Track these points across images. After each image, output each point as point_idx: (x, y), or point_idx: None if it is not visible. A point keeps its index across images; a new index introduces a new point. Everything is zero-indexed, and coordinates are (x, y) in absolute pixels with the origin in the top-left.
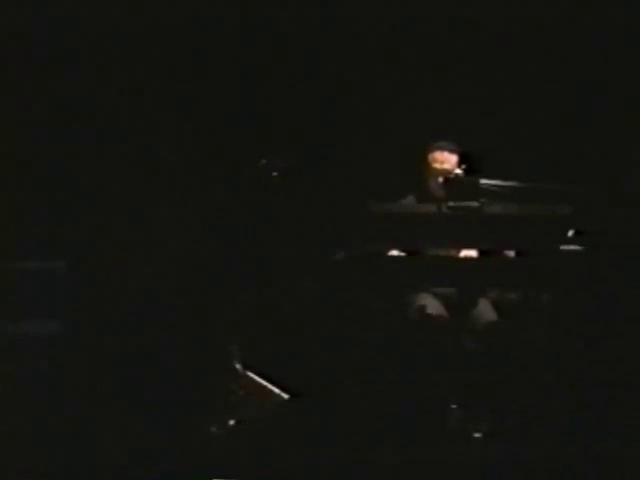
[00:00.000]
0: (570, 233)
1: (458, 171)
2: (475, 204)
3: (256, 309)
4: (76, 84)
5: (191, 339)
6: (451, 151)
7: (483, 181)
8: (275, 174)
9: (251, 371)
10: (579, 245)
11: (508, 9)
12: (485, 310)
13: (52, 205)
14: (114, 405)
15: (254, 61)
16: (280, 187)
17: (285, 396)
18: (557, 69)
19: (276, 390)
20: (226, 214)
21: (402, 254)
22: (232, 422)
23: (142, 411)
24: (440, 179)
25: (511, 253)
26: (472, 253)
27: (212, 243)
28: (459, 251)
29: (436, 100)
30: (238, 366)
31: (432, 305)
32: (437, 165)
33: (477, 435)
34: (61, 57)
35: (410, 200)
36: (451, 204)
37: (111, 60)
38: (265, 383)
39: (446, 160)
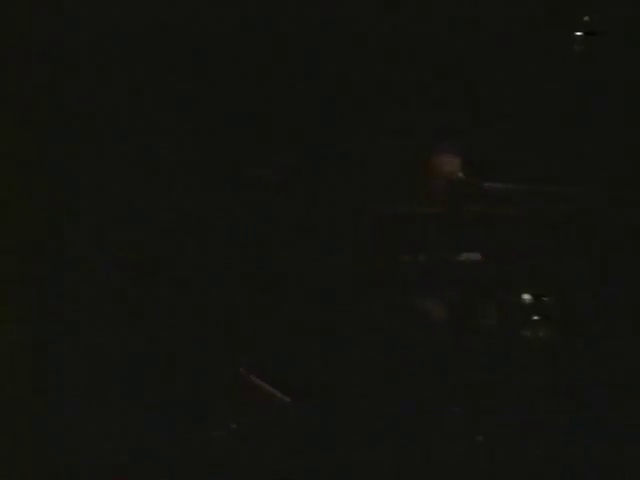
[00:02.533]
0: None
1: (460, 174)
2: (478, 207)
3: (256, 309)
4: (76, 84)
5: (191, 339)
6: (454, 154)
7: (486, 184)
8: (274, 180)
9: (252, 374)
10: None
11: (508, 9)
12: (487, 312)
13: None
14: (114, 405)
15: (254, 61)
16: (281, 188)
17: (287, 399)
18: (557, 69)
19: (278, 393)
20: (226, 214)
21: (403, 256)
22: (234, 425)
23: (142, 411)
24: (442, 181)
25: (513, 256)
26: (474, 256)
27: (212, 243)
28: (461, 254)
29: (438, 101)
30: (240, 369)
31: (434, 308)
32: (439, 167)
33: (477, 435)
34: (61, 57)
35: (412, 203)
36: (453, 207)
37: (111, 60)
38: (266, 386)
39: (449, 163)
